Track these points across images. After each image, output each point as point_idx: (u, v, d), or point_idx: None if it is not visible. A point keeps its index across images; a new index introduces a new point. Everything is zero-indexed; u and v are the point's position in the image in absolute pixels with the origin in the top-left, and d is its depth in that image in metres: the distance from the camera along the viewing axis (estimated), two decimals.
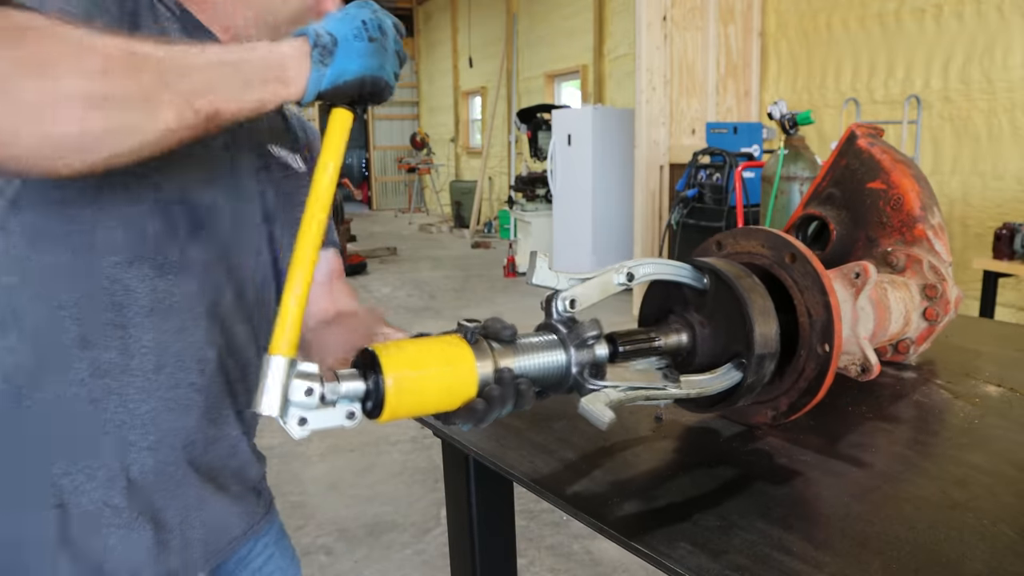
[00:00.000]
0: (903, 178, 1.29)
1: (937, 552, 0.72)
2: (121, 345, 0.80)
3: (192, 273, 0.84)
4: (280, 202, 0.96)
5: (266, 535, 1.05)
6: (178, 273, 0.83)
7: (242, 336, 0.91)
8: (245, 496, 0.98)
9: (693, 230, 5.13)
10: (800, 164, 3.87)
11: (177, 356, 0.84)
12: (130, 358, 0.81)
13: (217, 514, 0.92)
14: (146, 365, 0.82)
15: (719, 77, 5.90)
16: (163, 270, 0.82)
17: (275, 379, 0.63)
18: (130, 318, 0.80)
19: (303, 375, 0.64)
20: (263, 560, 1.04)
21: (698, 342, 0.94)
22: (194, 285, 0.85)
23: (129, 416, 0.82)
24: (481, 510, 1.18)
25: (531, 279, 0.80)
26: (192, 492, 0.88)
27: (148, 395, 0.83)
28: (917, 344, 1.28)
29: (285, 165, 0.98)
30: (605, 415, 0.75)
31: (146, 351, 0.82)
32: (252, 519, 1.00)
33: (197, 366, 0.86)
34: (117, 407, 0.81)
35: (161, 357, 0.83)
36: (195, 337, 0.85)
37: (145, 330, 0.82)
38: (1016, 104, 4.21)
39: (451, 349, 0.72)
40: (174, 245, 0.82)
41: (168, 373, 0.84)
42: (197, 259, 0.84)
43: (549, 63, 10.12)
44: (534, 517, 2.94)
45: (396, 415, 0.69)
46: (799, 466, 0.92)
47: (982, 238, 4.33)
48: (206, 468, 0.90)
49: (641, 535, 0.76)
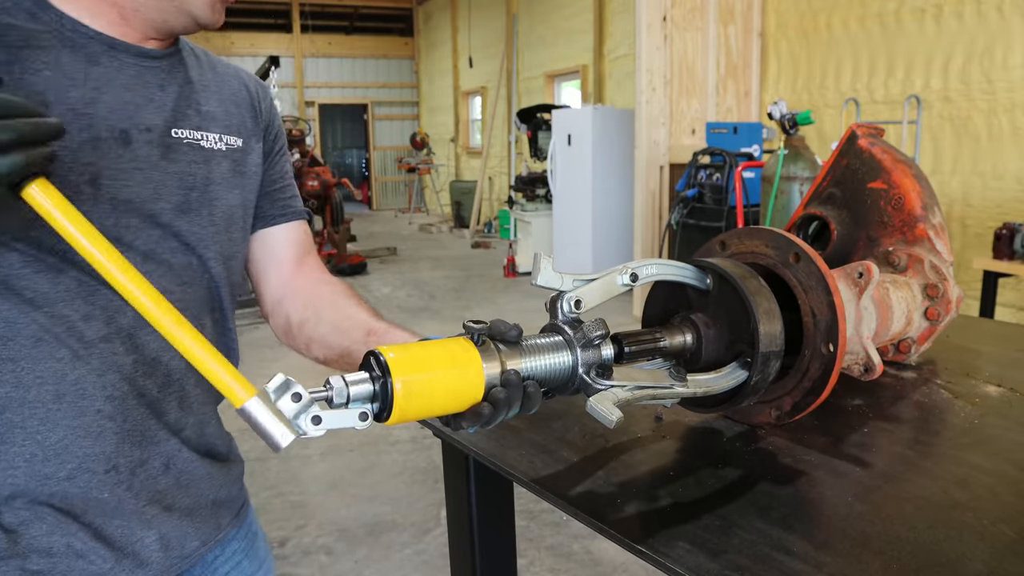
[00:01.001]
0: (904, 178, 1.29)
1: (937, 552, 0.72)
2: (14, 379, 0.78)
3: (70, 300, 0.80)
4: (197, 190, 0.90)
5: (234, 540, 1.03)
6: (54, 303, 0.79)
7: (156, 348, 0.86)
8: (198, 511, 0.95)
9: (693, 230, 5.13)
10: (800, 164, 3.87)
11: (76, 384, 0.81)
12: (26, 390, 0.79)
13: (167, 531, 0.90)
14: (44, 396, 0.79)
15: (719, 77, 5.90)
16: (36, 302, 0.78)
17: (264, 418, 0.63)
18: (17, 350, 0.78)
19: (280, 390, 0.64)
20: (230, 566, 1.01)
21: (703, 342, 0.94)
22: (77, 311, 0.80)
23: (39, 449, 0.80)
24: (481, 510, 1.18)
25: (535, 280, 0.80)
26: (132, 514, 0.86)
27: (54, 425, 0.80)
28: (918, 344, 1.28)
29: (195, 147, 0.91)
30: (613, 414, 0.75)
31: (41, 381, 0.79)
32: (210, 533, 0.97)
33: (101, 392, 0.82)
34: (24, 440, 0.79)
35: (59, 386, 0.80)
36: (92, 364, 0.81)
37: (36, 360, 0.79)
38: (1016, 104, 4.21)
39: (458, 351, 0.72)
40: (43, 276, 0.78)
41: (69, 402, 0.81)
42: (72, 286, 0.80)
43: (549, 63, 10.12)
44: (534, 517, 2.94)
45: (404, 418, 0.69)
46: (802, 466, 0.92)
47: (982, 238, 4.33)
48: (140, 489, 0.87)
49: (641, 535, 0.76)
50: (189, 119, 0.90)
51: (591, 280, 0.84)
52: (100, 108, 0.81)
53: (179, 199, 0.88)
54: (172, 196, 0.87)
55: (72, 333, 0.80)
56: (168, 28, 0.86)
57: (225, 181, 0.94)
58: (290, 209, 1.07)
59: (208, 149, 0.92)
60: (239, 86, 1.01)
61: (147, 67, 0.86)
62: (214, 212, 0.92)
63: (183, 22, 0.86)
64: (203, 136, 0.91)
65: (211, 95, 0.95)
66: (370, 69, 15.68)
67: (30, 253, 0.77)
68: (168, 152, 0.87)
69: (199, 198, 0.90)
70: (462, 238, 11.33)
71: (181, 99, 0.90)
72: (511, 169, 11.20)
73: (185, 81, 0.91)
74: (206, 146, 0.92)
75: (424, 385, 0.69)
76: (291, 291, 1.05)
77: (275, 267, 1.06)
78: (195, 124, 0.91)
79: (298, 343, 1.04)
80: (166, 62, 0.89)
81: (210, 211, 0.92)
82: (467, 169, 13.43)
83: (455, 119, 13.90)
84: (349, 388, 0.67)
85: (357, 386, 0.67)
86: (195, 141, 0.90)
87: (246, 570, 1.04)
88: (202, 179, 0.91)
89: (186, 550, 0.93)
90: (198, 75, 0.94)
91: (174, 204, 0.87)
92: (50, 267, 0.79)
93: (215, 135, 0.93)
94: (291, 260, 1.07)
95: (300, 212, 1.09)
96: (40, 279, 0.78)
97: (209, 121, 0.93)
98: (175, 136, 0.88)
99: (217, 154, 0.93)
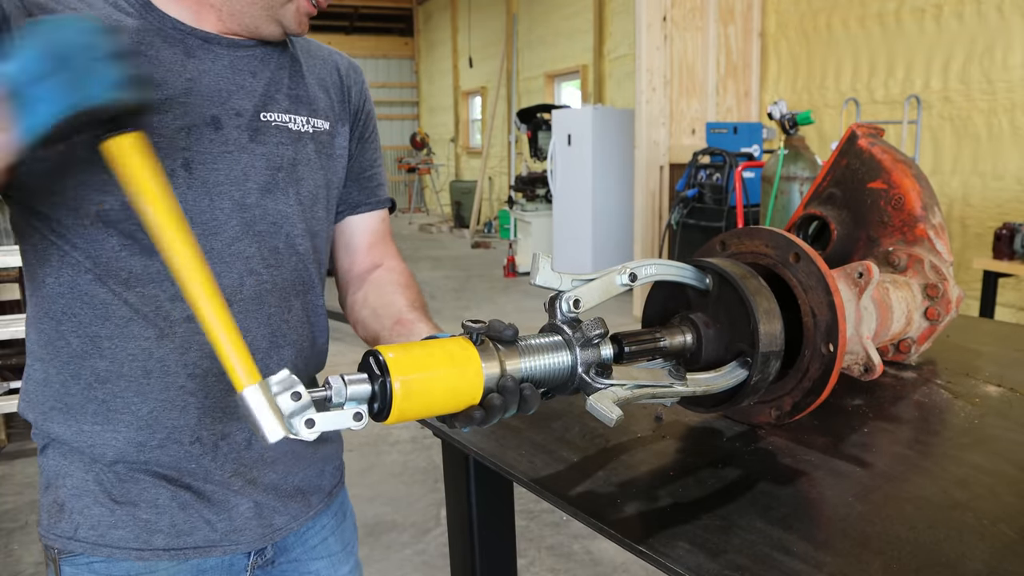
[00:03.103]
0: (904, 178, 1.29)
1: (937, 552, 0.72)
2: (111, 355, 0.88)
3: (159, 282, 0.87)
4: (283, 170, 0.95)
5: (324, 516, 1.10)
6: (145, 284, 0.86)
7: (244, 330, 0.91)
8: (284, 488, 1.00)
9: (693, 230, 5.13)
10: (800, 164, 3.87)
11: (161, 361, 0.88)
12: (120, 365, 0.88)
13: (260, 501, 0.97)
14: (135, 371, 0.88)
15: (719, 77, 5.90)
16: (129, 283, 0.86)
17: (260, 408, 0.63)
18: (112, 329, 0.87)
19: (281, 385, 0.65)
20: (317, 540, 1.09)
21: (703, 342, 0.94)
22: (165, 292, 0.87)
23: (134, 419, 0.89)
24: (481, 510, 1.18)
25: (534, 280, 0.80)
26: (220, 483, 0.94)
27: (145, 398, 0.89)
28: (918, 343, 1.28)
29: (283, 129, 0.95)
30: (613, 412, 0.75)
31: (132, 359, 0.88)
32: (299, 510, 1.03)
33: (183, 369, 0.89)
34: (123, 410, 0.89)
35: (147, 363, 0.88)
36: (175, 343, 0.88)
37: (127, 339, 0.87)
38: (1016, 104, 4.21)
39: (457, 351, 0.72)
40: (137, 258, 0.86)
41: (156, 377, 0.89)
42: (161, 268, 0.85)
43: (549, 63, 10.11)
44: (534, 517, 2.94)
45: (403, 417, 0.69)
46: (802, 466, 0.92)
47: (982, 238, 4.33)
48: (225, 461, 0.94)
49: (641, 535, 0.76)
50: (278, 103, 0.95)
51: (590, 280, 0.84)
52: (194, 97, 0.87)
53: (266, 179, 0.92)
54: (259, 176, 0.92)
55: (159, 313, 0.87)
56: (259, 34, 0.93)
57: (311, 162, 0.98)
58: (375, 197, 1.11)
59: (295, 131, 0.96)
60: (331, 70, 1.05)
61: (240, 56, 0.92)
62: (300, 191, 0.96)
63: (272, 30, 0.92)
64: (291, 119, 0.96)
65: (300, 79, 0.99)
66: (370, 69, 15.65)
67: (127, 238, 0.85)
68: (256, 135, 0.92)
69: (285, 178, 0.94)
70: (462, 238, 11.32)
71: (271, 84, 0.95)
72: (511, 169, 11.20)
73: (277, 67, 0.96)
74: (293, 128, 0.96)
75: (423, 385, 0.69)
76: (356, 275, 1.11)
77: (349, 252, 1.11)
78: (283, 107, 0.95)
79: (352, 323, 1.09)
80: (259, 50, 0.94)
81: (296, 190, 0.96)
82: (467, 169, 13.42)
83: (455, 119, 13.89)
84: (347, 388, 0.67)
85: (355, 386, 0.67)
86: (283, 124, 0.95)
87: (332, 547, 1.11)
88: (288, 160, 0.95)
89: (276, 523, 1.00)
90: (289, 60, 0.98)
91: (261, 184, 0.92)
92: (143, 250, 0.85)
93: (303, 118, 0.97)
94: (365, 247, 1.11)
95: (384, 201, 1.13)
96: (134, 261, 0.86)
97: (297, 104, 0.97)
98: (263, 119, 0.93)
99: (304, 136, 0.97)
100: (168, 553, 0.92)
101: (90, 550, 0.90)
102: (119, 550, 0.90)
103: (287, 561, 1.06)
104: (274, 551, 1.04)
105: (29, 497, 3.19)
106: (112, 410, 0.88)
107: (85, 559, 0.91)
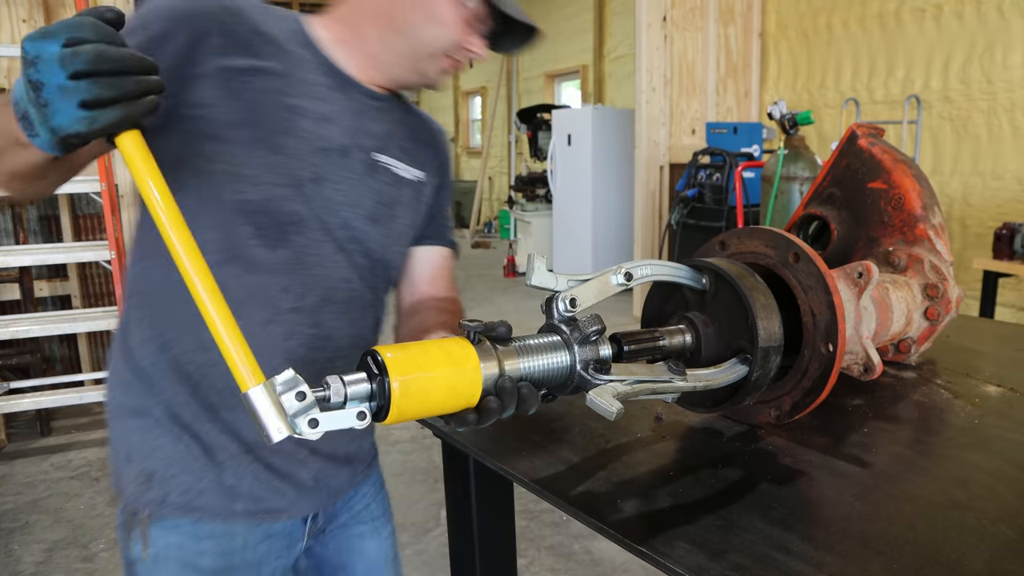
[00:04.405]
0: (904, 178, 1.29)
1: (937, 552, 0.72)
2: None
3: (278, 272, 0.97)
4: (385, 206, 1.08)
5: (365, 484, 1.23)
6: (265, 272, 0.97)
7: (331, 328, 1.03)
8: (336, 457, 1.12)
9: (693, 230, 5.13)
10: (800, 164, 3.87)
11: (264, 343, 0.96)
12: None
13: (318, 469, 1.09)
14: None
15: (719, 77, 5.90)
16: (252, 269, 0.96)
17: (264, 407, 0.64)
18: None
19: (285, 386, 0.65)
20: (362, 506, 1.22)
21: (702, 340, 0.94)
22: (279, 283, 0.98)
23: (226, 391, 0.99)
24: (481, 510, 1.18)
25: (530, 280, 0.81)
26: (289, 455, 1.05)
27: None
28: (918, 343, 1.28)
29: (390, 172, 1.09)
30: (613, 406, 0.75)
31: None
32: (348, 476, 1.15)
33: (282, 355, 0.98)
34: (222, 388, 0.98)
35: (251, 341, 0.92)
36: (279, 330, 0.98)
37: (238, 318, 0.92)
38: (1016, 104, 4.21)
39: (455, 350, 0.72)
40: (264, 248, 0.96)
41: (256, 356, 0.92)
42: (282, 260, 0.97)
43: (549, 63, 10.11)
44: (534, 517, 2.94)
45: (402, 417, 0.69)
46: (803, 466, 0.92)
47: (982, 238, 4.33)
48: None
49: (641, 535, 0.76)
50: (390, 149, 1.09)
51: (585, 280, 0.84)
52: (333, 126, 1.01)
53: (371, 209, 1.06)
54: (368, 205, 1.05)
55: (270, 301, 0.97)
56: (401, 84, 1.08)
57: (406, 205, 1.12)
58: (440, 235, 1.23)
59: (399, 176, 1.10)
60: (429, 131, 1.19)
61: (370, 104, 1.06)
62: (392, 228, 1.10)
63: (415, 81, 1.06)
64: (398, 165, 1.10)
65: (408, 134, 1.13)
66: None
67: (260, 228, 0.96)
68: (371, 170, 1.06)
69: (386, 213, 1.08)
70: (462, 238, 11.33)
71: (388, 133, 1.09)
72: (511, 169, 11.19)
73: (393, 120, 1.11)
74: (398, 173, 1.10)
75: (421, 384, 0.69)
76: (410, 303, 1.20)
77: (409, 281, 1.21)
78: (394, 154, 1.09)
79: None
80: (385, 103, 1.09)
81: (390, 226, 1.09)
82: (467, 169, 13.42)
83: (455, 119, 13.89)
84: (347, 388, 0.67)
85: (354, 386, 0.68)
86: (391, 167, 1.09)
87: (374, 512, 1.25)
88: (390, 198, 1.09)
89: (332, 487, 1.12)
90: (401, 116, 1.13)
91: (367, 212, 1.05)
92: (271, 242, 0.96)
93: (406, 166, 1.11)
94: (425, 278, 1.20)
95: (448, 241, 1.24)
96: (262, 251, 0.96)
97: (403, 154, 1.11)
98: (378, 160, 1.07)
99: (405, 182, 1.11)
100: (246, 515, 1.02)
101: (179, 514, 1.00)
102: (205, 513, 1.00)
103: (336, 527, 1.19)
104: (324, 519, 1.17)
105: (29, 497, 3.19)
106: (207, 378, 0.98)
107: (173, 522, 1.01)
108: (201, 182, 0.94)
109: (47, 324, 3.51)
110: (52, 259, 3.61)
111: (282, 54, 0.98)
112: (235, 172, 0.94)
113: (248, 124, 0.94)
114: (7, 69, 3.95)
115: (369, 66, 1.04)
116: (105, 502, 3.14)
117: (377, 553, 1.25)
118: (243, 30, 0.95)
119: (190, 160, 0.93)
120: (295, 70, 0.98)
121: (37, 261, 3.57)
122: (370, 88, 1.06)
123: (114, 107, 0.65)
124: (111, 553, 2.74)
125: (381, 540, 1.25)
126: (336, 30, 1.03)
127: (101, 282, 4.29)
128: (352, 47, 1.03)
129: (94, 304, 4.26)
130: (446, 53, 1.02)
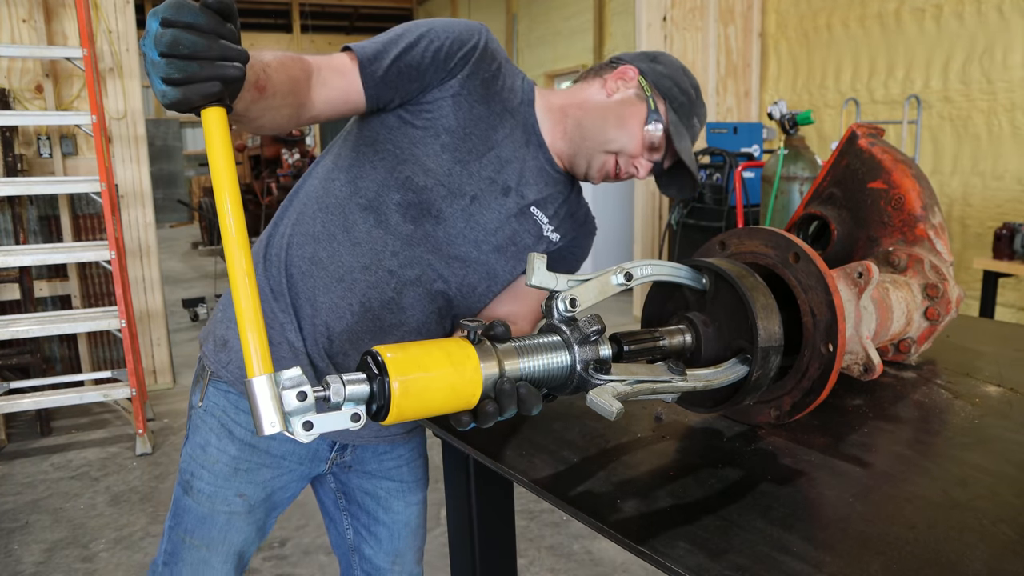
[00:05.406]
0: (904, 178, 1.29)
1: (937, 552, 0.72)
2: (329, 251, 1.17)
3: (397, 238, 1.15)
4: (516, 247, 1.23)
5: (400, 447, 1.35)
6: (389, 233, 1.15)
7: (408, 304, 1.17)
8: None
9: (693, 230, 5.13)
10: (800, 164, 3.87)
11: (352, 284, 1.15)
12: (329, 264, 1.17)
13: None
14: (334, 275, 1.16)
15: (719, 77, 5.90)
16: (380, 224, 1.15)
17: (264, 398, 0.64)
18: (341, 242, 1.16)
19: (290, 383, 0.65)
20: (391, 465, 1.35)
21: (702, 340, 0.94)
22: (392, 247, 1.15)
23: (308, 305, 1.18)
24: (481, 510, 1.18)
25: (530, 280, 0.81)
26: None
27: (326, 294, 1.17)
28: (918, 343, 1.28)
29: (537, 225, 1.24)
30: (613, 405, 0.75)
31: (339, 266, 1.16)
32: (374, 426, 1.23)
33: (360, 297, 1.15)
34: (306, 293, 1.18)
35: (344, 276, 1.16)
36: (371, 278, 1.15)
37: (349, 255, 1.16)
38: (1016, 104, 4.21)
39: (455, 350, 0.72)
40: (397, 215, 1.14)
41: (345, 288, 1.16)
42: (406, 233, 1.15)
43: (549, 63, 10.11)
44: (534, 517, 2.94)
45: (402, 417, 0.69)
46: (803, 466, 0.92)
47: (982, 238, 4.33)
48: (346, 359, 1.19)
49: (641, 535, 0.76)
50: (546, 209, 1.26)
51: (585, 280, 0.84)
52: (509, 168, 1.21)
53: (501, 243, 1.21)
54: (500, 239, 1.21)
55: (379, 254, 1.15)
56: (571, 164, 1.27)
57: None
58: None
59: (541, 232, 1.26)
60: (586, 221, 1.34)
61: (547, 168, 1.26)
62: (508, 266, 1.23)
63: (581, 167, 1.26)
64: (544, 223, 1.26)
65: (568, 211, 1.30)
66: None
67: (406, 201, 1.14)
68: (520, 215, 1.23)
69: (512, 252, 1.23)
70: None
71: (552, 196, 1.27)
72: None
73: (560, 192, 1.29)
74: (542, 228, 1.26)
75: (421, 384, 0.69)
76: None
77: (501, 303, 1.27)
78: (547, 214, 1.26)
79: None
80: (561, 176, 1.29)
81: (508, 264, 1.23)
82: None
83: None
84: (346, 388, 0.67)
85: (354, 386, 0.67)
86: (540, 221, 1.25)
87: (404, 476, 1.37)
88: (524, 245, 1.24)
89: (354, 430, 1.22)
90: (569, 194, 1.31)
91: (496, 244, 1.21)
92: (407, 216, 1.15)
93: (551, 228, 1.27)
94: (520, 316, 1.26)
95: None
96: (396, 217, 1.15)
97: (556, 220, 1.28)
98: (531, 211, 1.24)
99: (544, 239, 1.26)
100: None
101: (233, 382, 1.21)
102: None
103: (362, 472, 1.33)
104: (352, 458, 1.32)
105: (29, 497, 3.19)
106: (301, 284, 1.17)
107: (225, 387, 1.22)
108: (393, 150, 1.15)
109: (47, 324, 3.52)
110: (52, 259, 3.61)
111: (507, 113, 1.20)
112: (420, 159, 1.14)
113: (453, 133, 1.15)
114: (7, 69, 3.95)
115: (558, 138, 1.25)
116: (105, 502, 3.14)
117: (401, 514, 1.37)
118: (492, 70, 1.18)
119: (398, 132, 1.15)
120: (509, 118, 1.20)
121: (37, 261, 3.57)
122: (552, 157, 1.26)
123: (179, 87, 0.71)
124: (111, 553, 2.74)
125: (408, 505, 1.37)
126: (550, 102, 1.26)
127: (101, 282, 4.29)
128: (554, 122, 1.25)
129: (94, 304, 4.26)
130: (617, 159, 1.22)
